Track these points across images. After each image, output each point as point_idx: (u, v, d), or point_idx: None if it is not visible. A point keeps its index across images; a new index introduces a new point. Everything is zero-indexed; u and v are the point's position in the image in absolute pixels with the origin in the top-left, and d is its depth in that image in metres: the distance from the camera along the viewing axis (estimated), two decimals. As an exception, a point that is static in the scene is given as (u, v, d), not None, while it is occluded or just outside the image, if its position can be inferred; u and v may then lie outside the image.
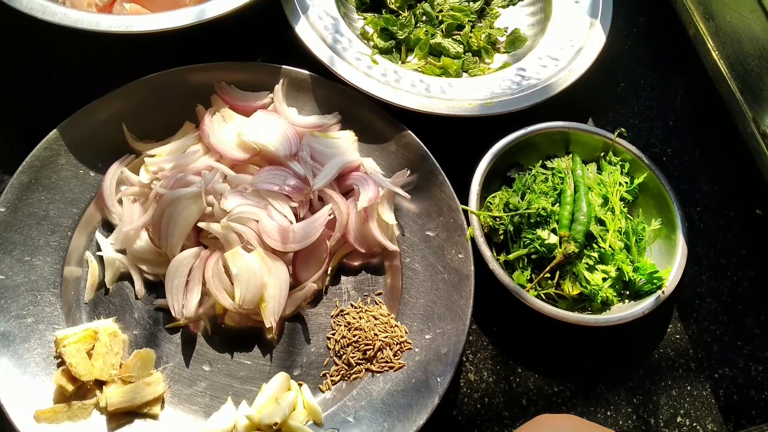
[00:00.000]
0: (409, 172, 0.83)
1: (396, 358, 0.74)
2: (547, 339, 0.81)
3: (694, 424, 0.78)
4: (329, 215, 0.79)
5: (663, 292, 0.77)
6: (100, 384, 0.74)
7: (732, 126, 0.94)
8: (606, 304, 0.78)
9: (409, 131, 0.84)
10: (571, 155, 0.86)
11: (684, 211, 0.83)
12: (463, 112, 0.86)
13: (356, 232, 0.80)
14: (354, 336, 0.75)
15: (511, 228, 0.80)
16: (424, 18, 0.99)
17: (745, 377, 0.81)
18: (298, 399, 0.74)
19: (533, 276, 0.78)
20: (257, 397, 0.75)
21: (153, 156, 0.83)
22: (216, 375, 0.76)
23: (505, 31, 1.01)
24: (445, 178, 0.81)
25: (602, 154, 0.87)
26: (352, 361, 0.75)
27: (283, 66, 0.87)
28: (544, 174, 0.84)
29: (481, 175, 0.82)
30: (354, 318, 0.76)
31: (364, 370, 0.75)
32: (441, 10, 1.00)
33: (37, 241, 0.79)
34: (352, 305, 0.79)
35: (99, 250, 0.81)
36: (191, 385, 0.76)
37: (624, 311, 0.77)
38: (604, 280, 0.77)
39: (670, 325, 0.84)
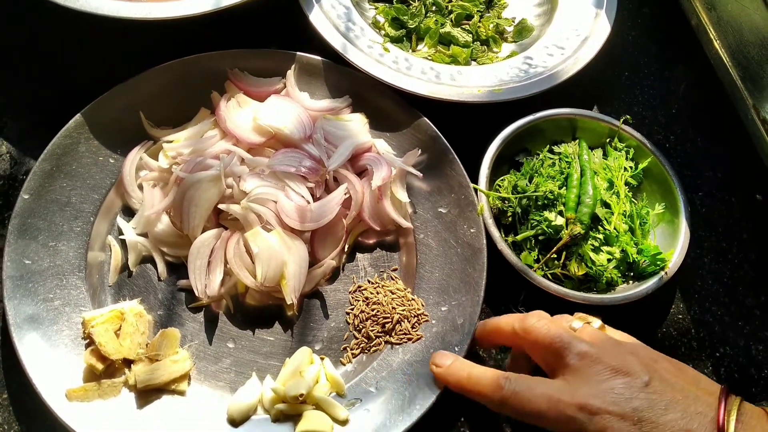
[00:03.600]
0: (420, 151, 0.85)
1: (414, 330, 0.76)
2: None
3: None
4: (345, 194, 0.81)
5: (666, 273, 0.78)
6: (128, 363, 0.75)
7: (733, 113, 0.94)
8: (611, 285, 0.79)
9: (419, 112, 0.85)
10: (577, 141, 0.87)
11: (687, 196, 0.83)
12: (472, 98, 0.87)
13: (371, 210, 0.82)
14: (373, 310, 0.77)
15: (519, 210, 0.82)
16: (433, 8, 1.01)
17: (746, 356, 0.82)
18: (320, 372, 0.76)
19: (540, 257, 0.80)
20: (281, 371, 0.76)
21: (171, 142, 0.85)
22: (240, 351, 0.78)
23: (513, 21, 1.02)
24: (456, 156, 0.83)
25: (608, 140, 0.89)
26: (371, 334, 0.77)
27: (295, 52, 0.89)
28: (551, 158, 0.85)
29: (491, 159, 0.84)
30: (372, 293, 0.79)
31: (383, 342, 0.77)
32: (450, 0, 1.01)
33: (61, 227, 0.80)
34: (369, 281, 0.81)
35: (121, 234, 0.82)
36: (216, 361, 0.78)
37: (628, 291, 0.78)
38: (609, 261, 0.78)
39: (673, 306, 0.85)
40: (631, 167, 0.87)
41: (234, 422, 0.73)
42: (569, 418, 0.52)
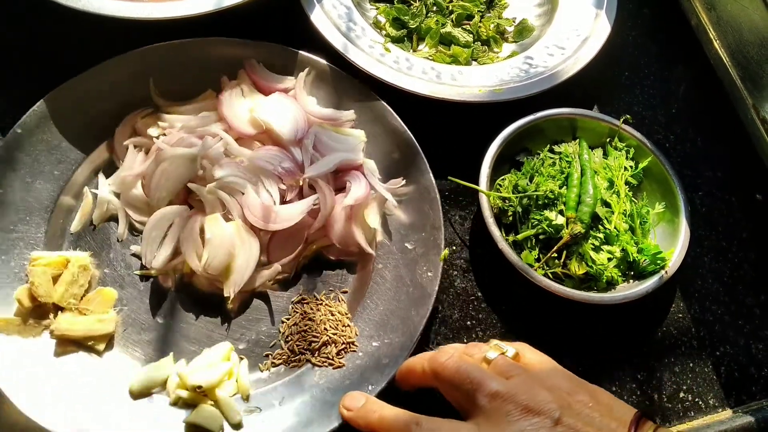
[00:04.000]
0: (404, 182, 0.72)
1: (338, 357, 0.67)
2: (555, 317, 0.72)
3: (696, 400, 0.72)
4: (314, 204, 0.69)
5: (666, 272, 0.70)
6: (57, 309, 0.66)
7: (733, 113, 0.82)
8: (611, 284, 0.70)
9: (418, 147, 0.73)
10: (578, 140, 0.76)
11: (687, 196, 0.74)
12: (473, 98, 0.75)
13: (338, 227, 0.70)
14: (305, 326, 0.68)
15: (519, 209, 0.72)
16: (434, 8, 0.86)
17: (746, 355, 0.73)
18: (233, 371, 0.65)
19: (541, 256, 0.70)
20: (196, 358, 0.65)
21: (169, 113, 0.74)
22: (167, 329, 0.68)
23: (514, 21, 0.87)
24: (437, 196, 0.70)
25: (608, 139, 0.77)
26: (296, 348, 0.67)
27: (313, 56, 0.76)
28: (551, 158, 0.75)
29: (492, 158, 0.72)
30: (311, 309, 0.69)
31: (305, 360, 0.66)
32: (451, 1, 0.87)
33: (44, 167, 0.72)
34: (315, 296, 0.70)
35: (98, 188, 0.72)
36: (141, 332, 0.67)
37: (628, 291, 0.69)
38: (609, 260, 0.70)
39: (673, 305, 0.75)
40: (631, 167, 0.75)
41: (133, 394, 0.64)
42: None
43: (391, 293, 0.69)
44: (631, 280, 0.70)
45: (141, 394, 0.64)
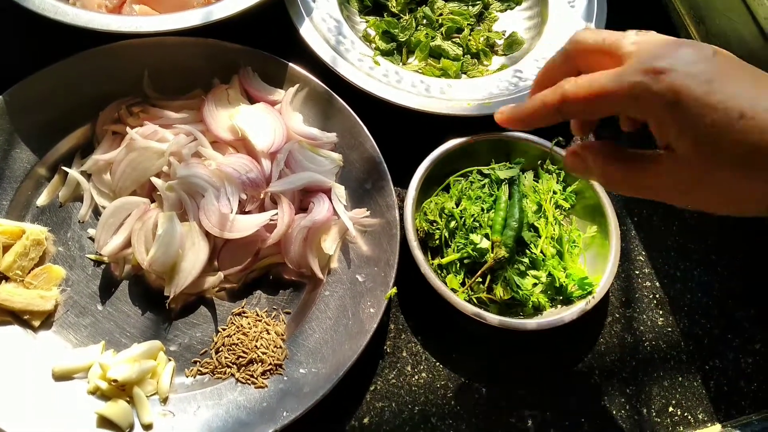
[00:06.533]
0: (369, 213, 0.69)
1: (263, 377, 0.64)
2: (548, 332, 0.69)
3: (686, 414, 0.69)
4: (270, 220, 0.66)
5: (593, 297, 0.67)
6: (2, 278, 0.64)
7: None
8: (538, 309, 0.67)
9: (390, 180, 0.71)
10: (507, 163, 0.73)
11: (619, 219, 0.71)
12: (462, 111, 0.72)
13: (292, 247, 0.66)
14: (238, 339, 0.65)
15: (446, 233, 0.68)
16: (424, 21, 0.83)
17: (735, 369, 0.71)
18: (158, 370, 0.62)
19: (466, 280, 0.67)
20: (122, 352, 0.62)
21: (156, 106, 0.71)
22: (105, 317, 0.65)
23: (503, 34, 0.84)
24: (398, 233, 0.67)
25: (540, 162, 0.73)
26: (224, 360, 0.64)
27: (310, 75, 0.74)
28: (481, 181, 0.71)
29: (419, 181, 0.69)
30: (248, 323, 0.66)
31: (230, 374, 0.64)
32: (441, 14, 0.84)
33: (23, 137, 0.70)
34: (256, 312, 0.66)
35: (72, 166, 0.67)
36: (80, 316, 0.65)
37: (553, 316, 0.67)
38: (535, 285, 0.67)
39: (662, 319, 0.72)
40: (560, 190, 0.71)
41: (55, 375, 0.62)
42: (632, 85, 0.46)
43: (330, 322, 0.66)
44: (559, 306, 0.66)
45: (62, 376, 0.62)
